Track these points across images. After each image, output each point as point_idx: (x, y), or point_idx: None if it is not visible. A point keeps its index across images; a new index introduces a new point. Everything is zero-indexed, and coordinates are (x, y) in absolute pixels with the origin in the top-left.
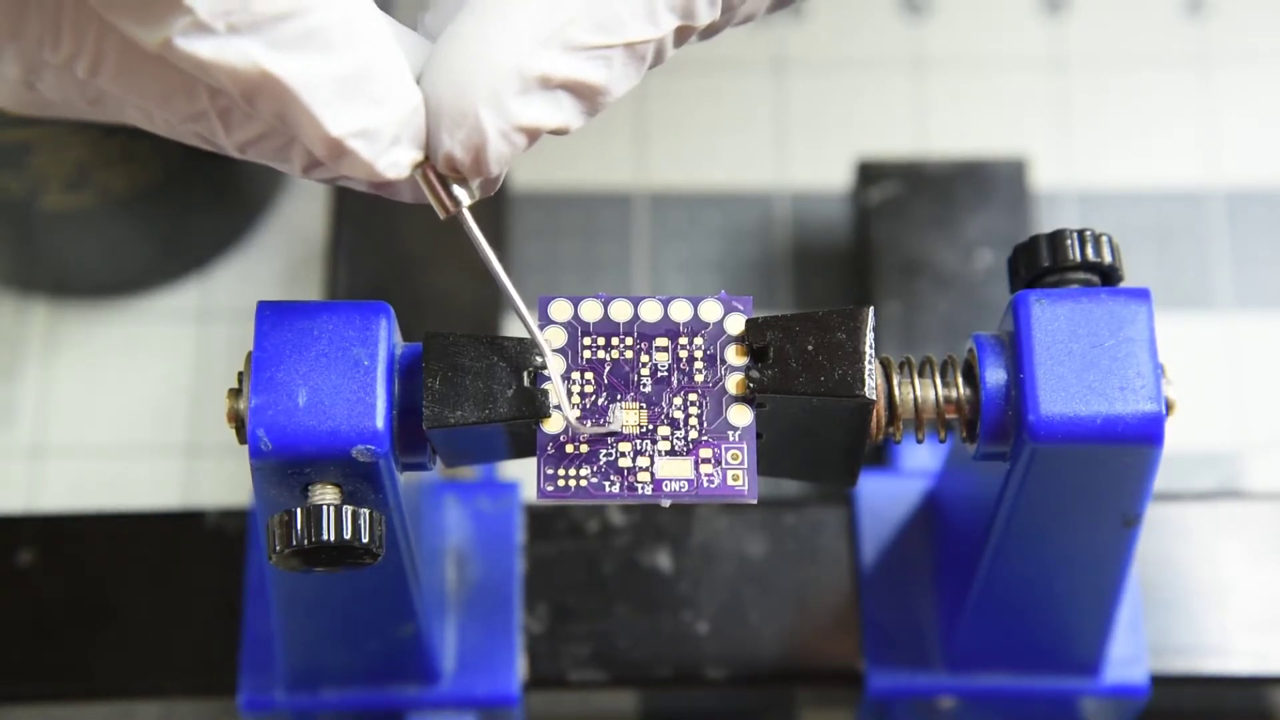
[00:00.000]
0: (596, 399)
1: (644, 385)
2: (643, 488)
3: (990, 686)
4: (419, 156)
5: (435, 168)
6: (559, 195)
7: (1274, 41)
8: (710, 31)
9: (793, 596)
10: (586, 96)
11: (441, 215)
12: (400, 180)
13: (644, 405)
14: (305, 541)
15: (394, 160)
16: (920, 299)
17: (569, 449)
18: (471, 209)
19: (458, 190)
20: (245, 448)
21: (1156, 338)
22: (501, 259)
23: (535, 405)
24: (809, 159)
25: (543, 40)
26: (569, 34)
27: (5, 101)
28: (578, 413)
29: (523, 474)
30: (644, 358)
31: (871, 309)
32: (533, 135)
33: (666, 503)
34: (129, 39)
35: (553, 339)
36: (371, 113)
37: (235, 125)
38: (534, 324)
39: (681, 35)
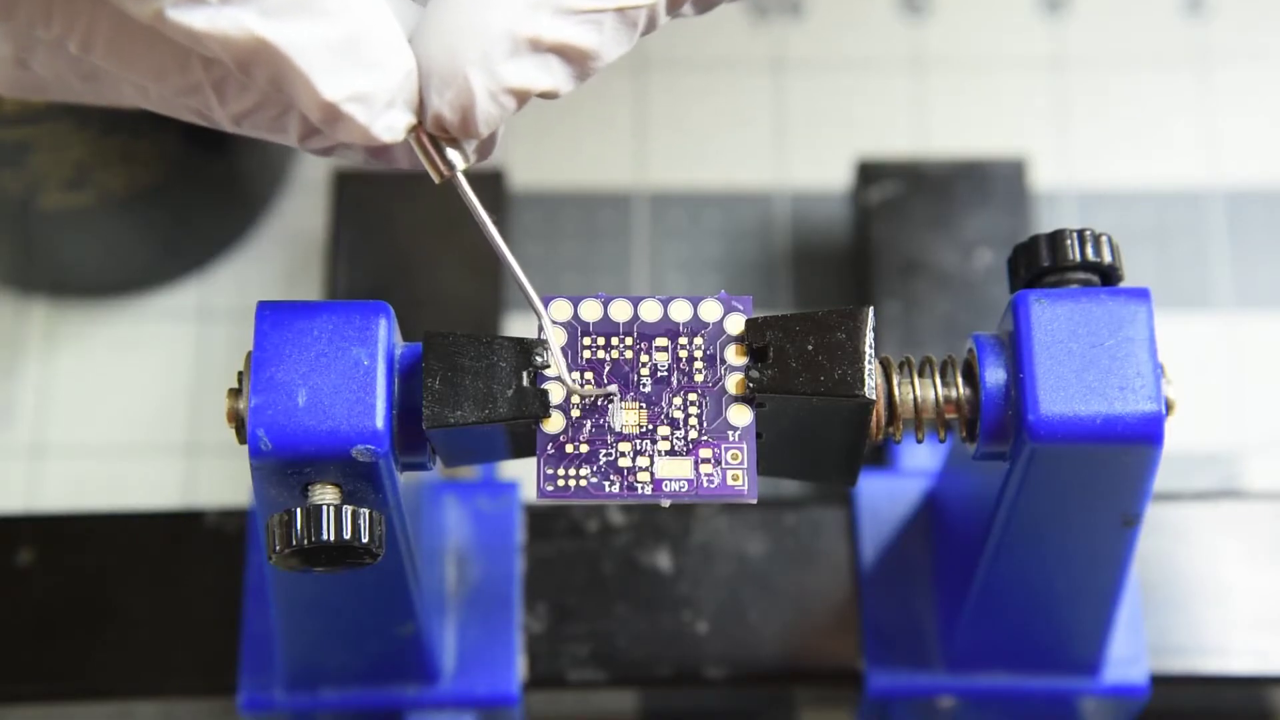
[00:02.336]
0: (596, 398)
1: (644, 385)
2: (642, 488)
3: (990, 686)
4: (413, 120)
5: (427, 130)
6: (559, 195)
7: (1274, 41)
8: (705, 4)
9: (793, 596)
10: (577, 60)
11: (436, 179)
12: (396, 145)
13: (644, 405)
14: (305, 541)
15: (389, 124)
16: (920, 299)
17: (569, 449)
18: (469, 216)
19: (452, 154)
20: (245, 447)
21: (1156, 338)
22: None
23: (535, 405)
24: (809, 159)
25: (534, 3)
26: None
27: (16, 82)
28: (587, 386)
29: (523, 474)
30: (644, 358)
31: (871, 309)
32: (522, 97)
33: (666, 503)
34: (121, 12)
35: (553, 339)
36: (366, 77)
37: (230, 97)
38: (533, 293)
39: (674, 2)
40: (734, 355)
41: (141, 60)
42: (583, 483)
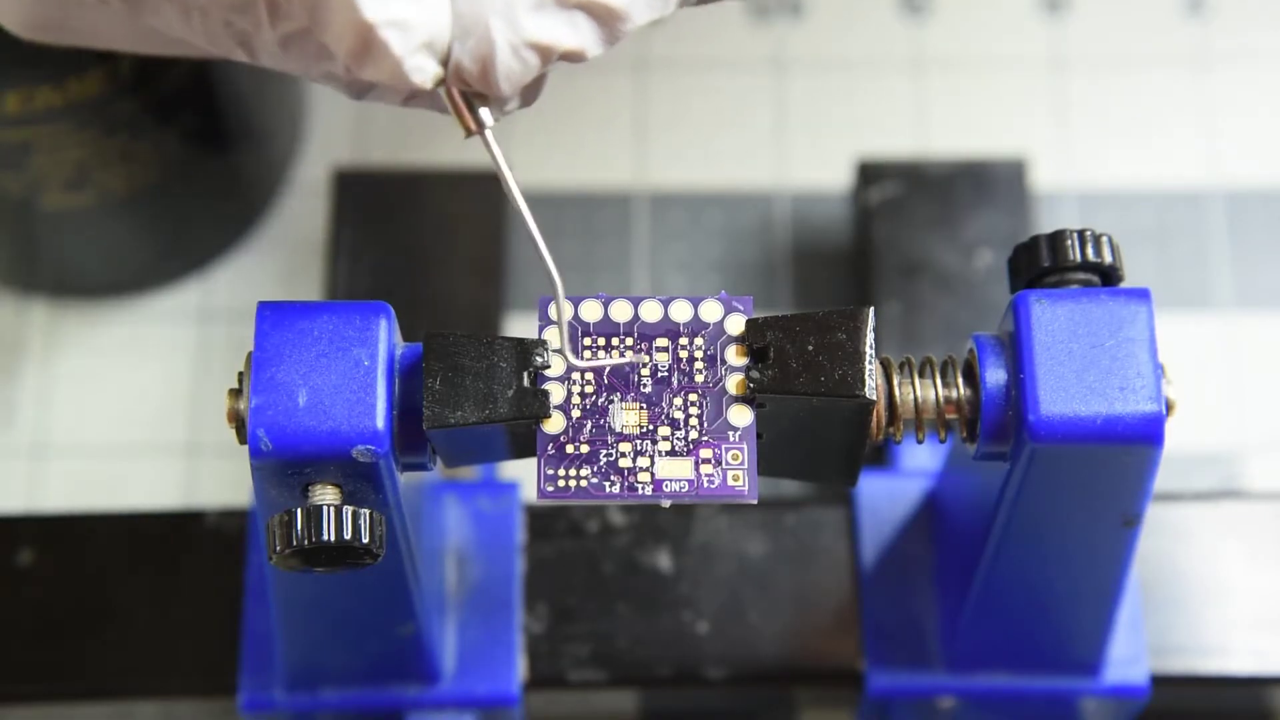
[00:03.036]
0: (596, 399)
1: (644, 385)
2: (643, 488)
3: (990, 686)
4: (442, 72)
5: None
6: (559, 195)
7: (1274, 41)
8: None
9: (793, 596)
10: (605, 20)
11: (464, 134)
12: (426, 91)
13: (644, 405)
14: (305, 542)
15: (420, 65)
16: (920, 299)
17: (569, 449)
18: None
19: (482, 111)
20: (245, 448)
21: (1156, 338)
22: (502, 259)
23: (535, 405)
24: (809, 159)
25: None
26: None
27: (36, 15)
28: (581, 359)
29: (523, 474)
30: (644, 358)
31: (871, 309)
32: (545, 54)
33: (666, 503)
34: None
35: (552, 340)
36: (406, 4)
37: (282, 14)
38: (547, 254)
39: None
40: (734, 356)
41: None
42: (583, 483)
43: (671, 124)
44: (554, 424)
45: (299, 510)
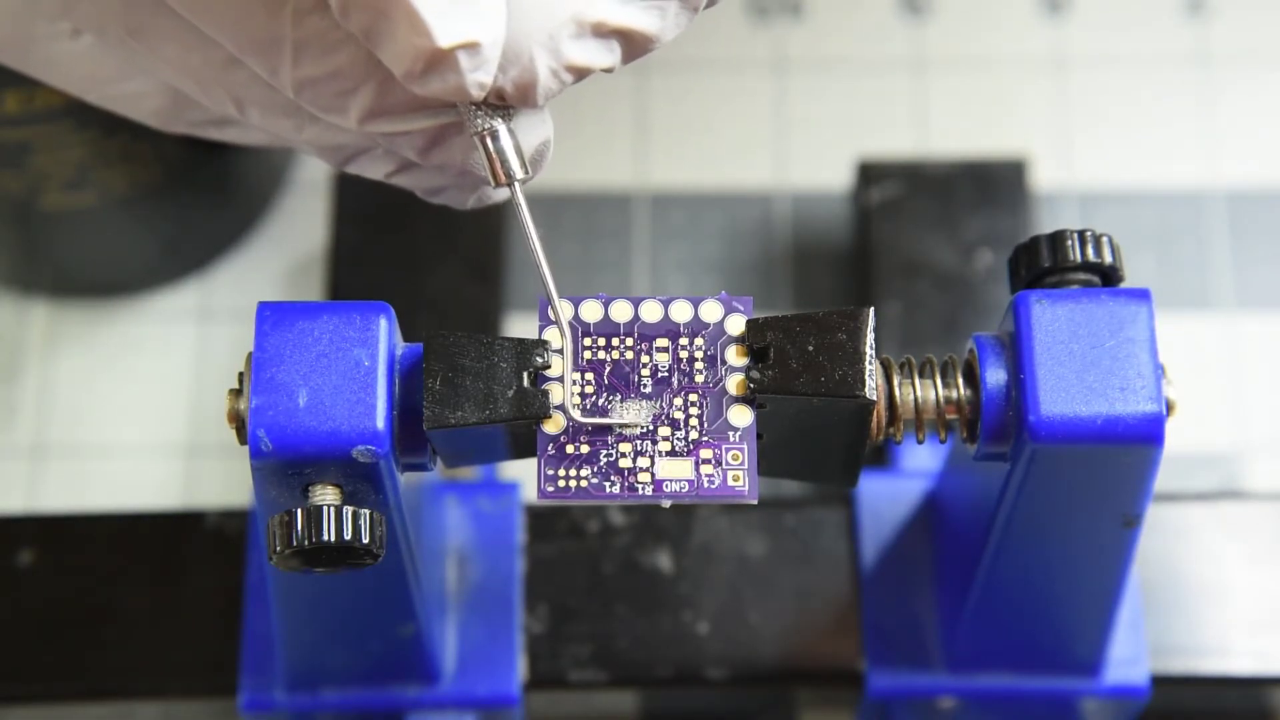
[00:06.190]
0: (597, 399)
1: (644, 386)
2: (643, 488)
3: (990, 686)
4: (491, 82)
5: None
6: (559, 195)
7: (1274, 41)
8: None
9: (793, 596)
10: (638, 44)
11: (493, 183)
12: (454, 140)
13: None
14: (305, 542)
15: (480, 80)
16: (920, 299)
17: (569, 449)
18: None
19: (514, 164)
20: (245, 448)
21: (1157, 338)
22: (502, 260)
23: (535, 405)
24: (809, 159)
25: None
26: None
27: None
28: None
29: (523, 474)
30: (644, 358)
31: (871, 309)
32: (581, 74)
33: (667, 503)
34: None
35: (553, 340)
36: (478, 25)
37: (307, 58)
38: (549, 278)
39: None
40: (735, 356)
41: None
42: (583, 483)
43: (671, 124)
44: (554, 424)
45: (299, 510)
